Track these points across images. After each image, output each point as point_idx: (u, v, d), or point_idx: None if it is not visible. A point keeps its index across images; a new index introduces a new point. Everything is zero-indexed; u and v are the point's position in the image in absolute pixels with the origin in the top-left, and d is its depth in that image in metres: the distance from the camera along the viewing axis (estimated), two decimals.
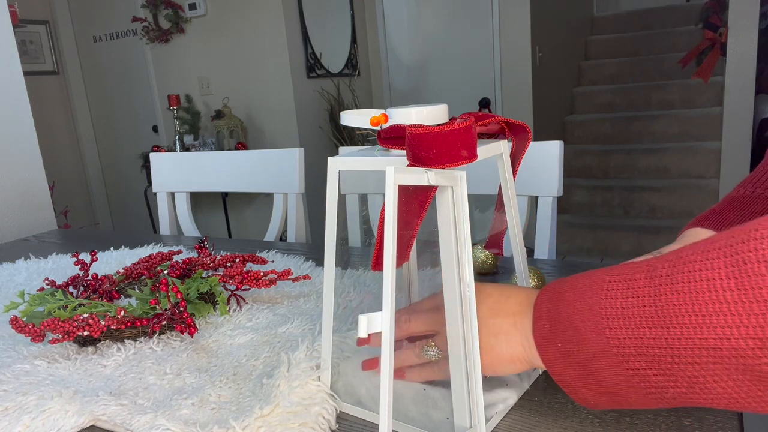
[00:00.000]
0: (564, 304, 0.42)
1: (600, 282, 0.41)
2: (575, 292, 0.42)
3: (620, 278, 0.40)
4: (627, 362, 0.39)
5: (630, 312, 0.38)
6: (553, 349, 0.43)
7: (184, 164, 1.50)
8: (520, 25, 3.51)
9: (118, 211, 4.36)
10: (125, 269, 0.89)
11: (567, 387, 0.43)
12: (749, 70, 2.96)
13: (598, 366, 0.40)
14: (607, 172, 3.95)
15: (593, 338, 0.40)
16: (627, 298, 0.39)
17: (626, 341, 0.38)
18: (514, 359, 0.47)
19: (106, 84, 4.07)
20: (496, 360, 0.47)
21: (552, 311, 0.43)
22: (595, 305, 0.40)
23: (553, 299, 0.44)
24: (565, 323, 0.42)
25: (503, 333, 0.47)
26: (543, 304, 0.45)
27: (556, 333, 0.42)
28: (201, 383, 0.59)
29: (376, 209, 1.30)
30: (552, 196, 1.09)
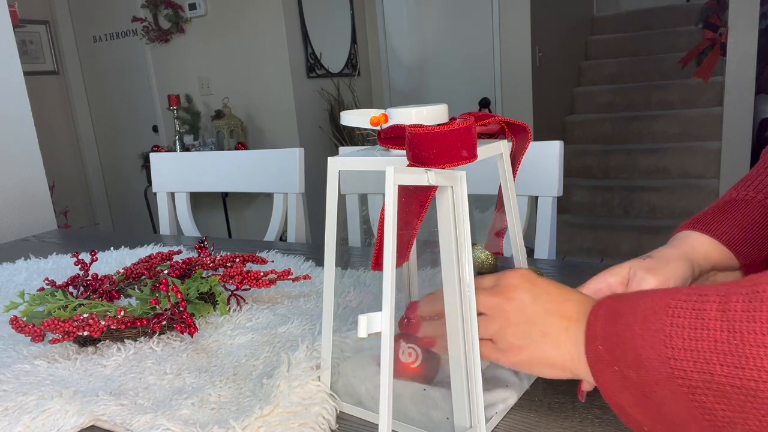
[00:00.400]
0: (622, 327, 0.40)
1: (664, 307, 0.38)
2: (635, 315, 0.39)
3: (688, 306, 0.37)
4: (693, 394, 0.36)
5: (699, 345, 0.36)
6: (609, 372, 0.40)
7: (184, 164, 1.50)
8: (520, 25, 3.51)
9: (118, 211, 4.36)
10: (125, 269, 0.89)
11: (621, 412, 0.41)
12: (749, 70, 2.96)
13: (659, 394, 0.38)
14: (607, 172, 3.95)
15: (656, 367, 0.37)
16: (696, 329, 0.36)
17: (694, 375, 0.36)
18: (556, 365, 0.45)
19: (106, 84, 4.07)
20: (536, 360, 0.46)
21: (608, 332, 0.41)
22: (659, 332, 0.37)
23: (610, 319, 0.41)
24: (624, 347, 0.39)
25: (553, 335, 0.45)
26: (598, 322, 0.42)
27: (614, 356, 0.40)
28: (201, 383, 0.59)
29: (376, 209, 1.29)
30: (552, 196, 1.09)
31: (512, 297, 0.47)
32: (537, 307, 0.46)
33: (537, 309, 0.46)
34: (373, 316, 0.43)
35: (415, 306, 0.57)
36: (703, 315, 0.36)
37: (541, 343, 0.45)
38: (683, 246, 0.57)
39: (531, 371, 0.47)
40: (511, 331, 0.46)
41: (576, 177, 3.98)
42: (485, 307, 0.48)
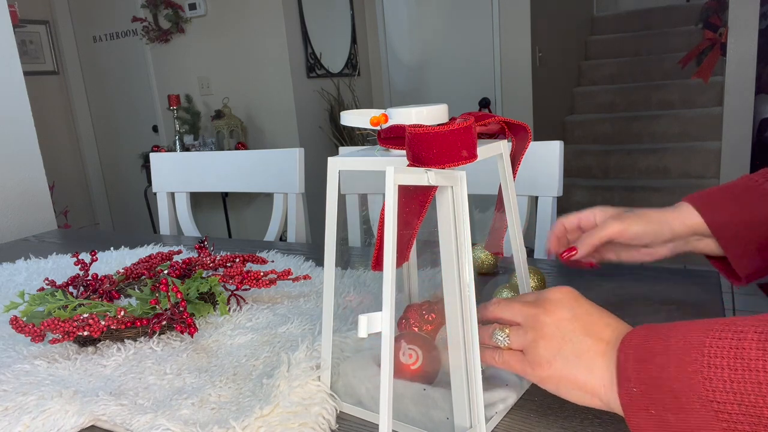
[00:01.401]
0: (656, 368, 0.38)
1: (699, 346, 0.37)
2: (669, 355, 0.38)
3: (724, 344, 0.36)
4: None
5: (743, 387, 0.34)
6: (644, 415, 0.38)
7: (184, 164, 1.50)
8: (520, 25, 3.51)
9: (118, 211, 4.36)
10: (125, 269, 0.88)
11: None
12: (749, 70, 2.96)
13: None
14: (607, 172, 3.95)
15: (697, 410, 0.36)
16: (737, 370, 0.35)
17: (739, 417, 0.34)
18: (586, 389, 0.43)
19: (106, 84, 4.07)
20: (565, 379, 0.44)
21: (642, 374, 0.39)
22: (697, 374, 0.36)
23: (641, 360, 0.39)
24: (661, 390, 0.37)
25: (587, 357, 0.43)
26: (628, 363, 0.40)
27: (650, 399, 0.38)
28: (201, 383, 0.59)
29: (376, 209, 1.30)
30: (552, 196, 1.09)
31: (551, 311, 0.46)
32: (575, 326, 0.45)
33: (575, 327, 0.45)
34: (373, 316, 0.43)
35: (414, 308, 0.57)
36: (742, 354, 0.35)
37: (573, 363, 0.43)
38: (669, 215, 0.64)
39: (558, 391, 0.45)
40: (543, 344, 0.45)
41: (576, 177, 3.98)
42: (522, 317, 0.47)
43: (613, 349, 0.42)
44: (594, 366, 0.43)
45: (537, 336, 0.45)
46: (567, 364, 0.43)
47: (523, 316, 0.47)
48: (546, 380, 0.45)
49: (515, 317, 0.48)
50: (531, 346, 0.45)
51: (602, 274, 0.84)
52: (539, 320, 0.46)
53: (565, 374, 0.43)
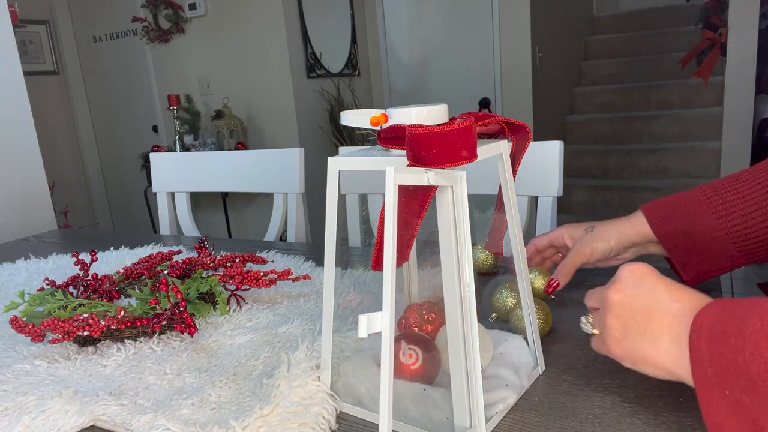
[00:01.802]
0: (731, 350, 0.38)
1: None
2: (744, 337, 0.37)
3: None
4: None
5: None
6: (718, 395, 0.38)
7: (184, 164, 1.50)
8: (520, 25, 3.51)
9: (118, 211, 4.36)
10: (125, 269, 0.88)
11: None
12: (749, 70, 2.96)
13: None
14: (607, 172, 3.95)
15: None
16: None
17: None
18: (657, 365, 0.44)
19: (106, 84, 4.07)
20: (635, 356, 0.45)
21: (716, 355, 0.39)
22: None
23: (714, 340, 0.39)
24: (736, 372, 0.37)
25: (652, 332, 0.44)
26: (701, 342, 0.40)
27: (725, 380, 0.38)
28: (201, 383, 0.59)
29: (376, 209, 1.30)
30: (552, 196, 1.09)
31: (618, 289, 0.47)
32: (640, 302, 0.45)
33: (641, 303, 0.45)
34: (374, 316, 0.43)
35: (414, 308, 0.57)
36: None
37: (638, 339, 0.44)
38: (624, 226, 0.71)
39: (635, 366, 0.46)
40: (612, 324, 0.46)
41: (576, 177, 3.98)
42: (598, 301, 0.49)
43: (680, 323, 0.42)
44: (658, 341, 0.43)
45: (609, 317, 0.47)
46: (634, 340, 0.45)
47: (599, 300, 0.49)
48: (621, 358, 0.46)
49: (595, 303, 0.50)
50: (604, 326, 0.48)
51: (602, 274, 0.84)
52: (608, 301, 0.47)
53: (634, 351, 0.45)
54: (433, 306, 0.57)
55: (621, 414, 0.49)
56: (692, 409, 0.49)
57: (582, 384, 0.54)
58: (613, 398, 0.52)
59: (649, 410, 0.49)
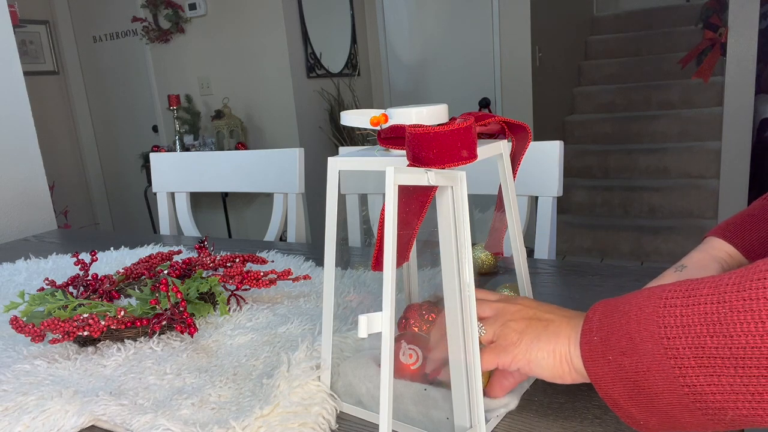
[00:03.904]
0: (619, 314, 0.41)
1: (660, 292, 0.39)
2: (631, 303, 0.40)
3: (682, 287, 0.38)
4: (684, 377, 0.36)
5: (690, 320, 0.36)
6: (602, 363, 0.41)
7: (184, 164, 1.50)
8: (520, 25, 3.51)
9: (118, 211, 4.36)
10: (125, 269, 0.88)
11: (614, 405, 0.41)
12: (749, 70, 2.96)
13: (651, 382, 0.38)
14: (607, 172, 3.95)
15: (649, 348, 0.38)
16: (688, 306, 0.37)
17: (686, 351, 0.36)
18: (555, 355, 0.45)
19: (106, 84, 4.07)
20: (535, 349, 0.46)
21: (604, 322, 0.41)
22: (653, 314, 0.38)
23: (607, 311, 0.42)
24: (618, 334, 0.40)
25: (554, 325, 0.46)
26: (595, 315, 0.43)
27: (607, 345, 0.40)
28: (201, 383, 0.59)
29: (376, 209, 1.29)
30: (552, 196, 1.09)
31: (516, 301, 0.51)
32: (541, 309, 0.49)
33: (540, 309, 0.49)
34: (374, 316, 0.43)
35: (414, 308, 0.57)
36: (696, 293, 0.37)
37: (542, 333, 0.46)
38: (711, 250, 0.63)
39: (530, 366, 0.46)
40: (512, 325, 0.48)
41: (576, 177, 3.98)
42: (490, 310, 0.51)
43: (577, 318, 0.46)
44: (559, 332, 0.45)
45: (506, 320, 0.49)
46: (535, 335, 0.46)
47: (491, 309, 0.51)
48: (519, 357, 0.46)
49: (482, 312, 0.51)
50: (501, 330, 0.48)
51: (602, 274, 0.84)
52: (506, 309, 0.50)
53: (534, 345, 0.46)
54: (433, 306, 0.57)
55: None
56: None
57: (582, 384, 0.54)
58: None
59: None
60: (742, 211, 0.67)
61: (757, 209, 0.65)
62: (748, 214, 0.65)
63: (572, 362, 0.44)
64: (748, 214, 0.65)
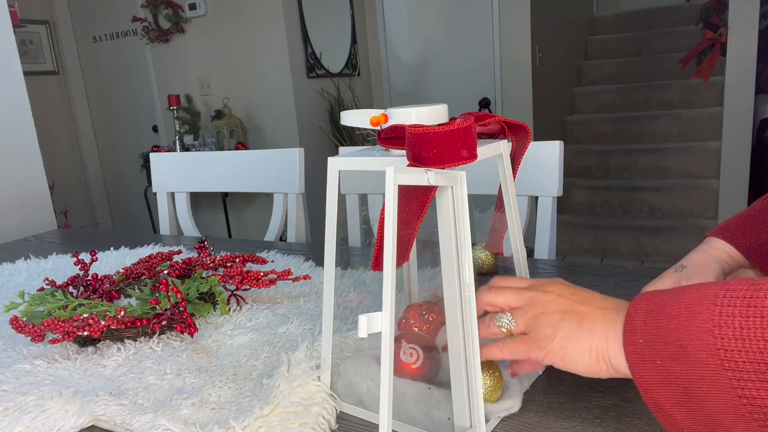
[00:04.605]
0: (665, 318, 0.38)
1: (712, 296, 0.37)
2: (680, 305, 0.38)
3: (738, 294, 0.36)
4: (743, 389, 0.34)
5: (752, 333, 0.34)
6: (650, 367, 0.38)
7: (184, 164, 1.50)
8: (520, 25, 3.51)
9: (118, 211, 4.36)
10: (125, 269, 0.88)
11: (659, 411, 0.39)
12: (749, 70, 2.96)
13: (705, 391, 0.36)
14: (607, 172, 3.95)
15: (703, 359, 0.35)
16: (748, 317, 0.34)
17: (745, 365, 0.34)
18: (591, 352, 0.42)
19: (106, 84, 4.07)
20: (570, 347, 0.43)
21: (650, 324, 0.39)
22: (707, 321, 0.36)
23: (652, 311, 0.39)
24: (667, 339, 0.37)
25: (588, 320, 0.43)
26: (638, 315, 0.40)
27: (655, 349, 0.38)
28: (201, 383, 0.59)
29: (376, 209, 1.29)
30: (552, 196, 1.09)
31: (549, 290, 0.47)
32: (573, 299, 0.46)
33: (574, 300, 0.45)
34: (374, 316, 0.43)
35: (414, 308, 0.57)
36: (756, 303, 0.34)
37: (575, 329, 0.44)
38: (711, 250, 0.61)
39: (564, 362, 0.44)
40: (545, 318, 0.45)
41: (576, 177, 3.98)
42: (519, 300, 0.47)
43: (616, 310, 0.43)
44: (595, 328, 0.43)
45: (538, 312, 0.46)
46: (569, 331, 0.44)
47: (521, 299, 0.48)
48: (552, 353, 0.44)
49: (512, 302, 0.48)
50: (533, 323, 0.46)
51: (602, 274, 0.84)
52: (538, 299, 0.46)
53: (569, 342, 0.44)
54: (433, 306, 0.57)
55: (621, 414, 0.49)
56: None
57: (582, 384, 0.54)
58: (613, 398, 0.52)
59: (649, 410, 0.49)
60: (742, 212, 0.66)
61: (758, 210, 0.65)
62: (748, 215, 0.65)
63: (611, 361, 0.42)
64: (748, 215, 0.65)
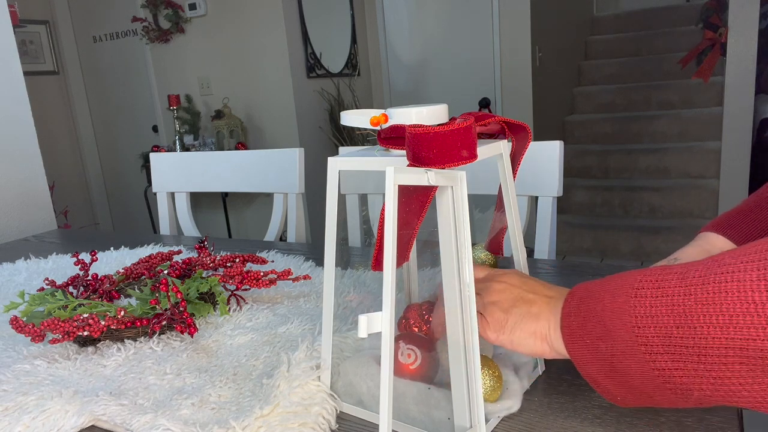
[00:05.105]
0: (594, 301, 0.43)
1: (631, 281, 0.41)
2: (605, 290, 0.43)
3: (652, 278, 0.40)
4: (654, 362, 0.39)
5: (659, 311, 0.38)
6: (581, 345, 0.43)
7: (184, 164, 1.50)
8: (520, 25, 3.51)
9: (118, 211, 4.36)
10: (125, 269, 0.88)
11: (594, 383, 0.44)
12: (749, 70, 2.96)
13: (625, 364, 0.40)
14: (607, 172, 3.95)
15: (622, 335, 0.40)
16: (657, 297, 0.39)
17: (654, 339, 0.38)
18: (536, 335, 0.47)
19: (106, 84, 4.07)
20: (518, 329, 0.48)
21: (581, 307, 0.44)
22: (625, 303, 0.40)
23: (584, 296, 0.44)
24: (594, 320, 0.42)
25: (536, 307, 0.48)
26: (573, 300, 0.45)
27: (585, 329, 0.43)
28: (201, 383, 0.59)
29: (376, 209, 1.29)
30: (552, 196, 1.09)
31: (502, 279, 0.52)
32: (525, 288, 0.50)
33: (524, 288, 0.50)
34: (374, 316, 0.43)
35: (414, 308, 0.57)
36: (664, 284, 0.39)
37: (524, 314, 0.48)
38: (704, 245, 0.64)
39: (512, 344, 0.48)
40: (498, 306, 0.49)
41: (576, 177, 3.98)
42: (478, 288, 0.52)
43: (558, 298, 0.48)
44: (539, 314, 0.47)
45: (491, 299, 0.50)
46: (519, 317, 0.48)
47: (479, 287, 0.52)
48: (501, 337, 0.49)
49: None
50: (487, 307, 0.50)
51: (602, 274, 0.84)
52: (492, 287, 0.51)
53: (517, 326, 0.48)
54: (433, 306, 0.57)
55: (621, 414, 0.49)
56: (692, 410, 0.49)
57: (582, 384, 0.54)
58: None
59: (648, 410, 0.49)
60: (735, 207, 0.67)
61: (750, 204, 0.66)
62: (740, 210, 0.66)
63: (552, 344, 0.46)
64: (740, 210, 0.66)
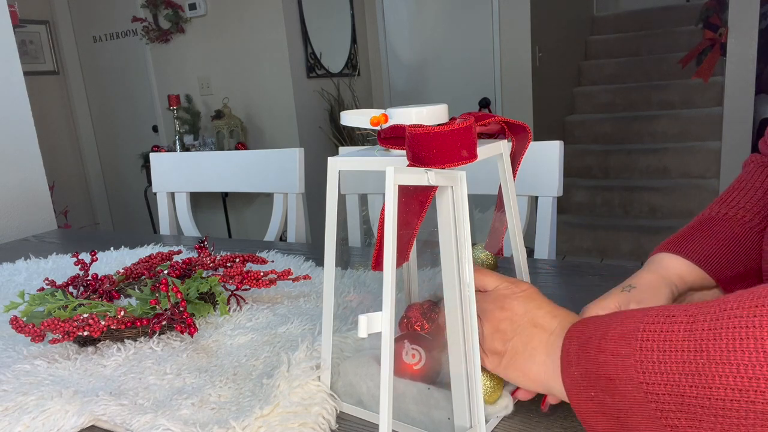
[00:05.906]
0: (594, 352, 0.40)
1: (634, 331, 0.39)
2: (606, 340, 0.40)
3: (656, 327, 0.38)
4: (666, 418, 0.36)
5: (668, 367, 0.36)
6: (585, 398, 0.41)
7: (184, 164, 1.50)
8: (520, 25, 3.51)
9: (118, 211, 4.36)
10: (125, 269, 0.88)
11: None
12: (749, 70, 2.96)
13: (634, 420, 0.38)
14: (607, 172, 3.95)
15: (630, 391, 0.38)
16: (665, 351, 0.36)
17: (665, 397, 0.36)
18: (530, 376, 0.46)
19: (106, 84, 4.07)
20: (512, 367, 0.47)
21: (582, 358, 0.41)
22: (630, 356, 0.38)
23: (582, 344, 0.42)
24: (598, 372, 0.40)
25: (531, 346, 0.46)
26: (571, 348, 0.43)
27: (589, 382, 0.40)
28: (201, 383, 0.59)
29: (376, 209, 1.29)
30: (552, 196, 1.09)
31: (506, 307, 0.49)
32: (527, 319, 0.47)
33: (525, 321, 0.47)
34: (374, 316, 0.43)
35: (416, 307, 0.57)
36: (671, 336, 0.36)
37: (520, 352, 0.46)
38: (659, 270, 0.59)
39: (507, 377, 0.48)
40: (497, 337, 0.48)
41: (576, 177, 3.98)
42: (479, 311, 0.49)
43: (557, 338, 0.45)
44: (536, 354, 0.45)
45: (492, 329, 0.48)
46: (515, 354, 0.47)
47: (480, 310, 0.49)
48: (497, 369, 0.48)
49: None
50: (486, 337, 0.48)
51: (602, 274, 0.84)
52: (495, 315, 0.48)
53: (512, 363, 0.47)
54: (435, 305, 0.57)
55: None
56: None
57: None
58: None
59: None
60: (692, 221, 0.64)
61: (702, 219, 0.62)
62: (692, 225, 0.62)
63: (550, 388, 0.45)
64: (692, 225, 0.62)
